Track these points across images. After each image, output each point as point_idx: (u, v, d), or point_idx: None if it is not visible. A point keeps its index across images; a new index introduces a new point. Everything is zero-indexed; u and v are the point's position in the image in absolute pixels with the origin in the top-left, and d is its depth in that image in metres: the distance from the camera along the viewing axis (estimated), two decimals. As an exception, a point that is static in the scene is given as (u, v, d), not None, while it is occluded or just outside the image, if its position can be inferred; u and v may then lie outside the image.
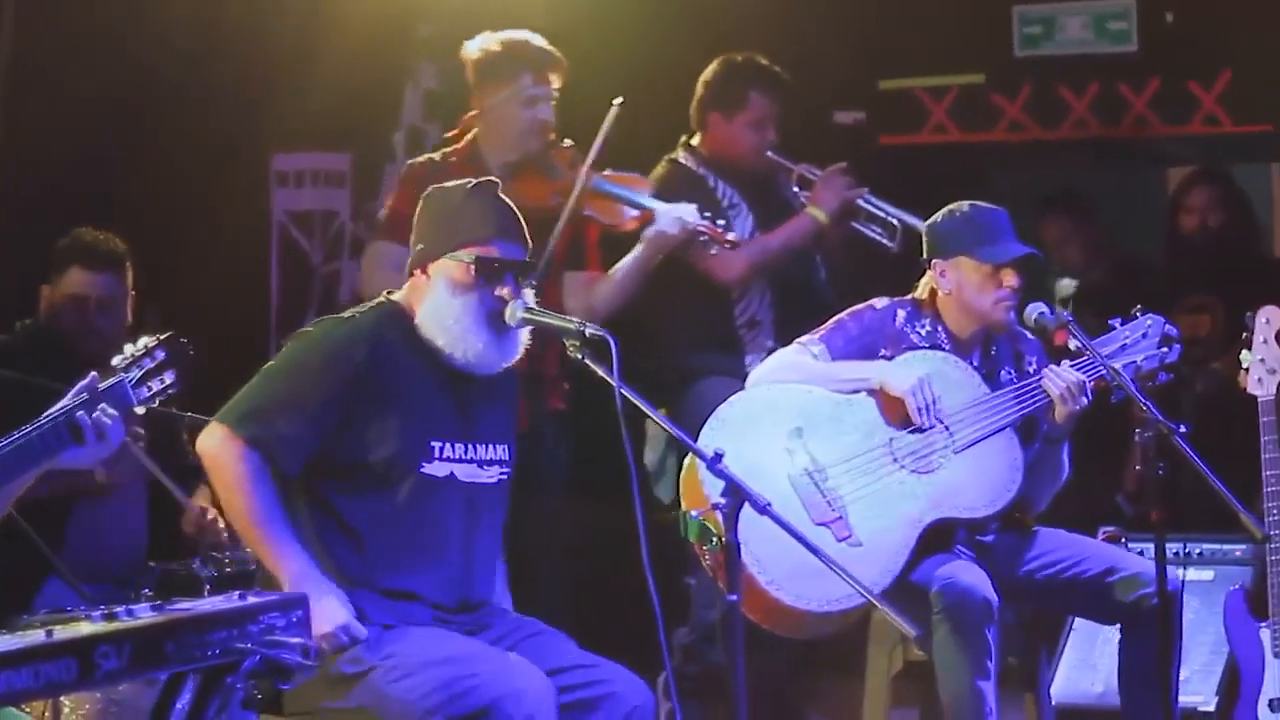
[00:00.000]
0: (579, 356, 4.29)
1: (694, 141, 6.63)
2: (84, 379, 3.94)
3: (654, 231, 6.12)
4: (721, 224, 6.27)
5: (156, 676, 3.86)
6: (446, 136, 6.31)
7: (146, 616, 3.74)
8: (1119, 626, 5.33)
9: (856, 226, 6.58)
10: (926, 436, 5.28)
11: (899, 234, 6.44)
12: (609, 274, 6.19)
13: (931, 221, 5.48)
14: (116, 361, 3.99)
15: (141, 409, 3.98)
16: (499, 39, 6.14)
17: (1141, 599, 5.16)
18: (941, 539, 5.29)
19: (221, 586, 4.98)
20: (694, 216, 6.16)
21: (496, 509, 4.61)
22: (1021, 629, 5.54)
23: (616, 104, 6.06)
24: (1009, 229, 5.42)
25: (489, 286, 4.43)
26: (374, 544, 4.40)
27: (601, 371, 4.24)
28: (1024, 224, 7.73)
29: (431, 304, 4.46)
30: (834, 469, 5.23)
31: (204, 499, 5.86)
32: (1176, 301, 7.19)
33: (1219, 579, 6.02)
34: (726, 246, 6.25)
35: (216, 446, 4.39)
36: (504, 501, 4.63)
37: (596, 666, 4.47)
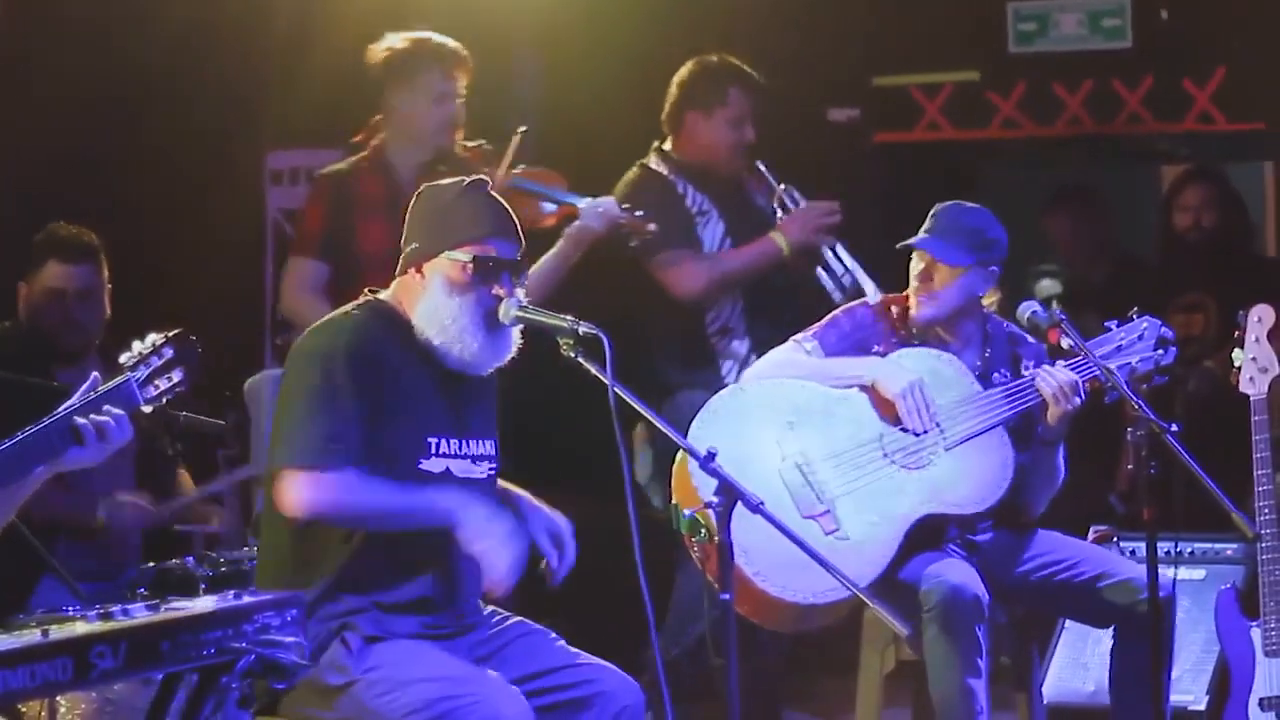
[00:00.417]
0: (572, 355, 4.28)
1: (666, 146, 6.55)
2: (85, 379, 3.89)
3: (576, 226, 6.10)
4: (640, 214, 6.25)
5: (152, 676, 3.88)
6: (353, 142, 6.25)
7: (142, 616, 3.75)
8: (1112, 630, 5.34)
9: (818, 268, 6.44)
10: (918, 432, 5.29)
11: (848, 294, 6.23)
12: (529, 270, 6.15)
13: None
14: (124, 359, 3.91)
15: (148, 408, 3.91)
16: (404, 37, 6.13)
17: (1134, 605, 5.16)
18: (933, 537, 5.29)
19: (217, 586, 4.98)
20: (615, 209, 6.13)
21: (488, 504, 4.60)
22: (1014, 629, 5.53)
23: (520, 132, 6.05)
24: None
25: (485, 286, 4.41)
26: (370, 539, 4.38)
27: (595, 370, 4.24)
28: (1029, 217, 7.76)
29: (428, 303, 4.43)
30: (823, 463, 5.24)
31: (187, 483, 5.88)
32: (1170, 300, 7.21)
33: (1210, 578, 6.03)
34: (647, 236, 6.23)
35: (307, 492, 4.28)
36: (494, 497, 4.63)
37: (586, 666, 4.46)
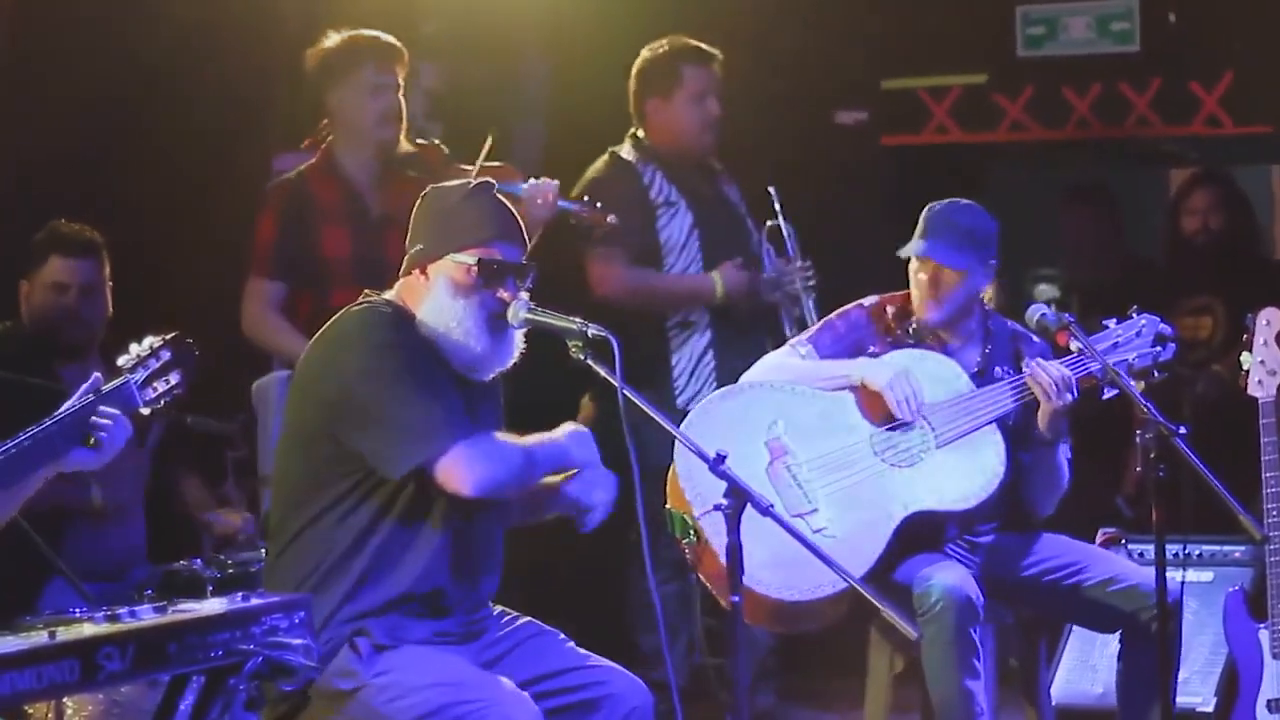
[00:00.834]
0: (581, 357, 4.28)
1: (641, 133, 6.57)
2: (87, 379, 3.90)
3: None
4: (600, 205, 6.23)
5: (159, 678, 3.88)
6: (302, 148, 6.22)
7: (149, 618, 3.75)
8: (1119, 635, 5.32)
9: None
10: (907, 431, 5.27)
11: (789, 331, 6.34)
12: None
13: None
14: (122, 361, 3.93)
15: (147, 410, 3.92)
16: (338, 37, 6.10)
17: (1140, 611, 5.15)
18: (932, 538, 5.28)
19: (224, 588, 4.97)
20: (553, 193, 6.04)
21: (499, 505, 4.59)
22: (1021, 631, 5.53)
23: (491, 134, 6.01)
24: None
25: (490, 289, 4.38)
26: (382, 539, 4.35)
27: (604, 372, 4.23)
28: (1036, 220, 7.74)
29: (432, 305, 4.40)
30: (812, 462, 5.23)
31: (195, 489, 5.87)
32: (1177, 303, 7.20)
33: (1218, 580, 6.03)
34: (608, 229, 6.21)
35: (469, 472, 4.26)
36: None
37: (595, 668, 4.46)
